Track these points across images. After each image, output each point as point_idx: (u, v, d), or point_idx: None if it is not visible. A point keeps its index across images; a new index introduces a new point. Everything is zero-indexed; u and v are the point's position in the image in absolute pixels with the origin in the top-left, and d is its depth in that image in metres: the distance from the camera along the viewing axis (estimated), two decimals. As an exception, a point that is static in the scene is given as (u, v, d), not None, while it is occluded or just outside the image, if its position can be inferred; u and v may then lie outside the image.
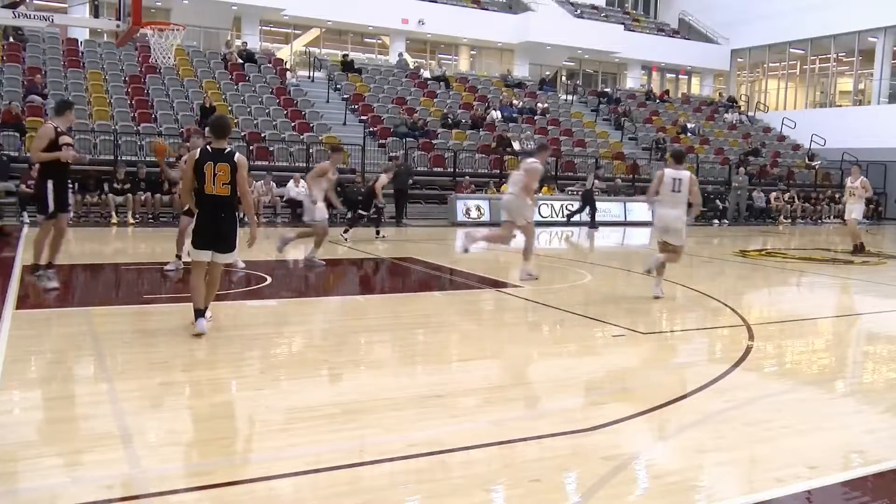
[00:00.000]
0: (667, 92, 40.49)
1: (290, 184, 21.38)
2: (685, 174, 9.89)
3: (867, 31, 36.90)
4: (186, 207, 9.57)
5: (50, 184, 9.06)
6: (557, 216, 24.47)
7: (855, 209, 16.79)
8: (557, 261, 15.71)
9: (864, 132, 33.51)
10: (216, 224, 7.20)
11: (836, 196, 30.86)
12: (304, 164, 22.97)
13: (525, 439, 4.64)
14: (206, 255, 7.25)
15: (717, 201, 28.11)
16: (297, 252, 12.93)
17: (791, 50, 40.94)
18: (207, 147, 7.28)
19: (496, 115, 29.59)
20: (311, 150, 23.52)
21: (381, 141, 25.70)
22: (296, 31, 35.92)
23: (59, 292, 9.28)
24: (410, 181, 22.65)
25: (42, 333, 7.26)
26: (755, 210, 29.15)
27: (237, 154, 7.27)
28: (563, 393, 5.81)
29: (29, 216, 17.97)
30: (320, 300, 10.29)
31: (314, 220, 11.82)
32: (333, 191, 13.08)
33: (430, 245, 12.98)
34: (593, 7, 42.60)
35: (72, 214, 18.22)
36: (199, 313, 7.16)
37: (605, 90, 37.92)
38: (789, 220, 29.66)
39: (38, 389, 5.54)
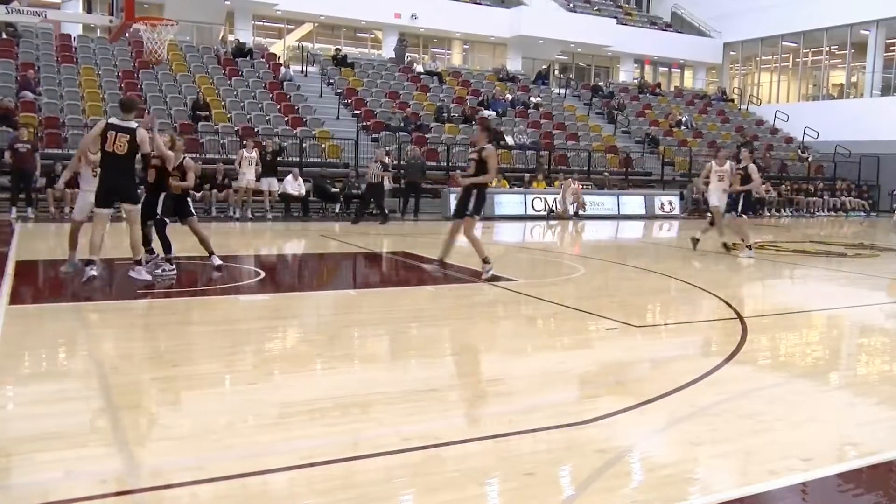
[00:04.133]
0: (658, 85, 40.49)
1: (289, 178, 21.33)
2: None
3: (859, 24, 36.96)
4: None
5: None
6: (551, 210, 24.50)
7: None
8: (550, 254, 15.72)
9: (857, 125, 33.58)
10: None
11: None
12: (298, 159, 22.97)
13: (519, 433, 4.64)
14: None
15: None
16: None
17: (783, 43, 40.98)
18: None
19: (489, 114, 29.53)
20: (304, 145, 23.51)
21: (374, 135, 25.68)
22: (289, 26, 35.85)
23: (53, 287, 9.27)
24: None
25: (35, 329, 7.24)
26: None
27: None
28: (556, 386, 5.81)
29: (18, 211, 17.93)
30: (313, 294, 10.28)
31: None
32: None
33: (423, 239, 12.98)
34: (586, 1, 42.58)
35: (67, 209, 18.32)
36: None
37: (598, 84, 37.92)
38: (787, 213, 29.72)
39: (31, 384, 5.52)
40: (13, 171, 18.17)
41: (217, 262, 10.58)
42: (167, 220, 10.28)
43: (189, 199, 10.70)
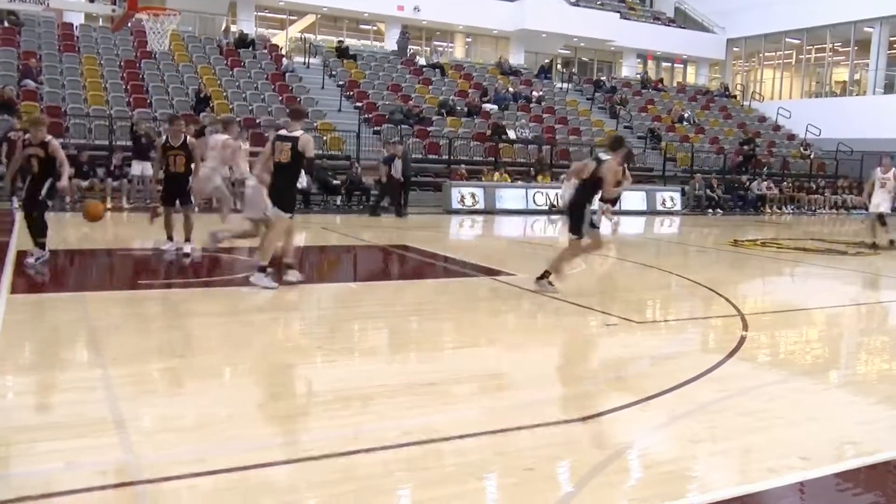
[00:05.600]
0: (661, 80, 40.42)
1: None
2: None
3: (863, 21, 36.86)
4: None
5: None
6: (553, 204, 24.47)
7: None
8: (551, 249, 15.71)
9: (860, 122, 33.49)
10: None
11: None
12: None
13: (518, 428, 4.65)
14: None
15: (708, 191, 28.17)
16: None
17: (787, 39, 40.91)
18: None
19: (491, 107, 29.45)
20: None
21: (375, 128, 25.64)
22: (291, 17, 35.78)
23: (54, 277, 9.27)
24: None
25: (36, 318, 7.25)
26: (750, 200, 29.16)
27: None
28: (556, 381, 5.82)
29: (19, 201, 17.88)
30: (314, 287, 10.27)
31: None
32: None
33: (425, 232, 12.96)
34: (589, -5, 42.51)
35: (67, 199, 18.27)
36: None
37: (601, 78, 37.85)
38: (789, 211, 29.68)
39: (32, 375, 5.52)
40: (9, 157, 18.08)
41: (188, 249, 11.05)
42: (49, 204, 10.37)
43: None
